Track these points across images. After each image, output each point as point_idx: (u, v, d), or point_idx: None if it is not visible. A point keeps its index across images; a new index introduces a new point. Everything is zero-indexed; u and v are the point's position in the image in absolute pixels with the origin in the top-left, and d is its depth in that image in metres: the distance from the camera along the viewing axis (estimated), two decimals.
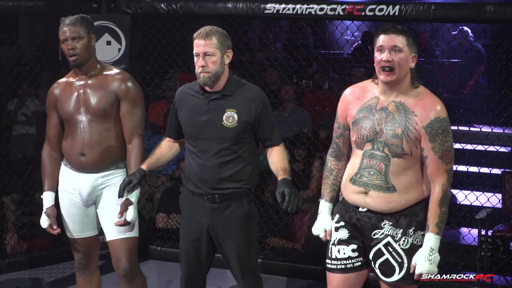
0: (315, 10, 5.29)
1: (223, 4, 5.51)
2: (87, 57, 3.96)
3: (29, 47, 8.21)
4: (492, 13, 4.88)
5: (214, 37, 3.68)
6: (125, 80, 3.99)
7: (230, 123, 3.73)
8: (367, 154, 3.37)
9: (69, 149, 4.02)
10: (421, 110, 3.30)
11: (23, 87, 7.56)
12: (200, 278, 3.96)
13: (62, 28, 3.93)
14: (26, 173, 6.23)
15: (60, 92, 4.05)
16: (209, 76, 3.69)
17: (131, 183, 3.83)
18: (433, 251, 3.29)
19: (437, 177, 3.31)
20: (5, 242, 6.07)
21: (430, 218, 3.31)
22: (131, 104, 3.98)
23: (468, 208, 5.90)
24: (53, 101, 4.07)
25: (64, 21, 3.95)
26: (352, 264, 3.48)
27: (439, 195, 3.32)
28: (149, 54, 6.87)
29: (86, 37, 3.94)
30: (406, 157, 3.31)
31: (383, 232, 3.37)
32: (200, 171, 3.78)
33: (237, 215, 3.80)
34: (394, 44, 3.28)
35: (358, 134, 3.39)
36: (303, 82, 7.90)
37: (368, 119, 3.37)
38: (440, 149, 3.28)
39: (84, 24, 3.96)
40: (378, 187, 3.34)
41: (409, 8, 5.03)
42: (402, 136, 3.29)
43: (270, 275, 5.49)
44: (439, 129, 3.28)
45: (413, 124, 3.29)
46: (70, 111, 3.99)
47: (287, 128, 6.41)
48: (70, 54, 3.92)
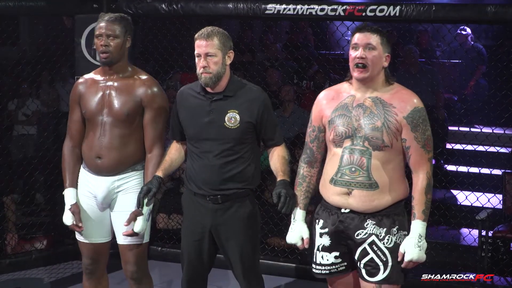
0: (315, 11, 5.29)
1: (224, 4, 5.51)
2: (119, 57, 3.89)
3: (30, 47, 8.21)
4: (493, 13, 4.87)
5: (216, 37, 3.68)
6: (152, 87, 3.92)
7: (232, 124, 3.73)
8: (347, 150, 3.38)
9: (87, 150, 3.98)
10: (399, 101, 3.37)
11: (23, 87, 7.57)
12: (201, 279, 3.96)
13: (99, 23, 3.87)
14: (27, 174, 6.23)
15: (85, 89, 3.98)
16: (211, 77, 3.68)
17: (150, 191, 3.79)
18: (421, 237, 3.33)
19: (420, 166, 3.36)
20: (5, 242, 6.07)
21: (417, 205, 3.34)
22: (155, 112, 3.92)
23: (469, 208, 5.90)
24: (77, 97, 3.99)
25: (103, 16, 3.90)
26: (336, 269, 3.52)
27: (424, 183, 3.36)
28: (149, 55, 6.88)
29: (122, 37, 3.88)
30: (386, 149, 3.34)
31: (366, 232, 3.39)
32: (202, 172, 3.78)
33: (239, 215, 3.80)
34: (368, 42, 3.35)
35: (335, 132, 3.41)
36: (304, 82, 7.90)
37: (345, 116, 3.40)
38: (422, 138, 3.35)
39: (123, 24, 3.89)
40: (361, 184, 3.35)
41: (410, 9, 5.03)
42: (382, 128, 3.33)
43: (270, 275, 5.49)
44: (420, 118, 3.36)
45: (393, 115, 3.34)
46: (93, 111, 3.92)
47: (287, 128, 6.42)
48: (102, 50, 3.85)
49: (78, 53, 5.66)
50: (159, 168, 3.89)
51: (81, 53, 5.64)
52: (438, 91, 7.32)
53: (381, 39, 3.36)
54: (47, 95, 7.80)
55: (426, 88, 7.03)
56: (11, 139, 7.56)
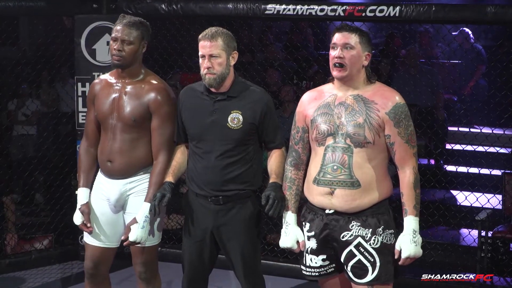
0: (315, 11, 5.29)
1: (224, 4, 5.51)
2: (131, 62, 3.85)
3: (30, 47, 8.21)
4: (493, 14, 4.88)
5: (220, 38, 3.67)
6: (161, 93, 3.86)
7: (235, 125, 3.72)
8: (329, 148, 3.39)
9: (100, 154, 3.97)
10: (380, 98, 3.37)
11: (23, 87, 7.57)
12: (202, 279, 3.96)
13: (117, 26, 3.82)
14: (26, 174, 6.22)
15: (99, 91, 3.95)
16: (215, 78, 3.68)
17: (164, 197, 3.75)
18: (416, 232, 3.33)
19: (406, 161, 3.37)
20: (5, 242, 6.07)
21: (407, 201, 3.35)
22: (162, 119, 3.86)
23: (468, 209, 5.90)
24: (92, 96, 3.97)
25: (122, 18, 3.84)
26: (326, 271, 3.53)
27: (411, 178, 3.37)
28: (149, 55, 6.87)
29: (137, 43, 3.83)
30: (369, 146, 3.35)
31: (352, 234, 3.39)
32: (204, 173, 3.77)
33: (241, 216, 3.79)
34: (346, 41, 3.37)
35: (318, 130, 3.42)
36: (304, 83, 7.90)
37: (327, 114, 3.41)
38: (406, 133, 3.36)
39: (140, 30, 3.83)
40: (343, 183, 3.35)
41: (410, 9, 5.03)
42: (364, 124, 3.34)
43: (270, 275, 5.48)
44: (402, 113, 3.35)
45: (375, 111, 3.35)
46: (104, 114, 3.90)
47: (287, 128, 6.40)
48: (115, 54, 3.81)
49: (77, 53, 5.66)
50: (168, 174, 3.86)
51: (80, 53, 5.64)
52: (438, 91, 7.32)
53: (360, 38, 3.37)
54: (47, 95, 7.80)
55: (426, 88, 7.03)
56: (10, 139, 7.56)
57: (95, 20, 5.64)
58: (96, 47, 5.64)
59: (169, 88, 3.97)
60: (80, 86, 5.65)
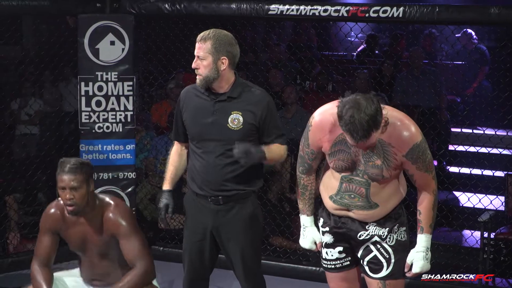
0: (319, 12, 5.28)
1: (227, 4, 5.51)
2: (85, 204, 3.82)
3: (33, 46, 8.22)
4: (496, 15, 4.87)
5: (209, 41, 3.69)
6: (115, 216, 3.85)
7: (235, 125, 3.73)
8: (345, 179, 3.42)
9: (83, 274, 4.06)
10: (397, 140, 3.30)
11: (26, 86, 7.57)
12: (203, 279, 3.97)
13: (61, 175, 3.76)
14: (29, 173, 6.23)
15: (64, 227, 3.95)
16: (200, 79, 3.73)
17: (168, 206, 3.88)
18: (428, 249, 3.44)
19: (427, 186, 3.42)
20: (7, 241, 6.07)
21: (424, 220, 3.42)
22: (125, 238, 3.84)
23: (471, 210, 5.89)
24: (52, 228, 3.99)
25: (63, 166, 3.77)
26: (341, 264, 3.59)
27: (431, 200, 3.42)
28: (152, 55, 6.88)
29: (85, 186, 3.78)
30: (385, 180, 3.38)
31: (369, 233, 3.47)
32: (204, 173, 3.78)
33: (241, 216, 3.80)
34: (369, 145, 3.25)
35: (335, 164, 3.42)
36: (307, 83, 7.89)
37: (344, 152, 3.39)
38: (424, 165, 3.36)
39: (83, 171, 3.79)
40: (361, 207, 3.43)
41: (413, 10, 5.02)
42: (382, 166, 3.34)
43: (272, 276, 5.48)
44: (419, 152, 3.32)
45: (392, 155, 3.32)
46: (76, 249, 3.98)
47: (290, 129, 6.41)
48: (67, 204, 3.78)
49: (81, 52, 5.66)
50: (166, 181, 3.94)
51: (84, 53, 5.64)
52: (441, 92, 7.31)
53: (377, 129, 3.16)
54: (50, 95, 7.80)
55: (429, 89, 7.02)
56: (13, 139, 7.57)
57: (98, 20, 5.64)
58: (100, 47, 5.63)
59: (120, 202, 3.96)
60: (83, 85, 5.64)
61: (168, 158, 4.01)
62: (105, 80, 5.65)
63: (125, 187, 5.78)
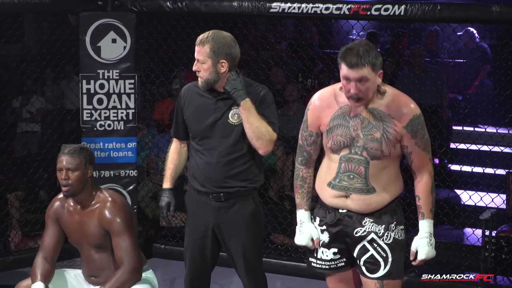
0: (320, 9, 5.28)
1: (229, 2, 5.51)
2: (80, 188, 3.85)
3: (35, 44, 8.22)
4: (498, 13, 4.87)
5: (208, 45, 3.68)
6: (110, 212, 3.85)
7: (235, 120, 3.74)
8: (344, 159, 3.38)
9: (84, 269, 4.05)
10: (396, 111, 3.33)
11: (28, 84, 7.58)
12: (204, 277, 3.97)
13: (60, 156, 3.84)
14: (31, 171, 6.23)
15: (63, 215, 3.98)
16: (202, 81, 3.74)
17: (170, 204, 3.92)
18: (431, 235, 3.39)
19: (424, 167, 3.39)
20: (9, 239, 6.08)
21: (424, 205, 3.39)
22: (117, 235, 3.84)
23: (473, 208, 5.90)
24: (56, 217, 4.01)
25: (63, 148, 3.86)
26: (336, 265, 3.54)
27: (429, 182, 3.40)
28: (154, 52, 6.88)
29: (82, 169, 3.82)
30: (384, 158, 3.35)
31: (365, 230, 3.41)
32: (206, 170, 3.79)
33: (242, 213, 3.81)
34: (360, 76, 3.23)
35: (333, 141, 3.39)
36: (308, 81, 7.89)
37: (343, 126, 3.37)
38: (422, 142, 3.36)
39: (82, 155, 3.84)
40: (359, 190, 3.38)
41: (415, 8, 5.02)
42: (381, 139, 3.32)
43: (274, 274, 5.49)
44: (418, 125, 3.35)
45: (392, 126, 3.32)
46: (74, 241, 4.00)
47: (291, 127, 6.41)
48: (62, 184, 3.83)
49: (82, 50, 5.66)
50: (166, 179, 3.96)
51: (85, 51, 5.65)
52: (442, 90, 7.31)
53: (372, 66, 3.23)
54: (52, 93, 7.81)
55: (431, 87, 7.02)
56: (15, 137, 7.58)
57: (100, 18, 5.64)
58: (101, 45, 5.64)
59: (119, 198, 3.95)
60: (85, 83, 5.65)
61: (167, 156, 4.02)
62: (106, 78, 5.66)
63: (127, 185, 5.78)
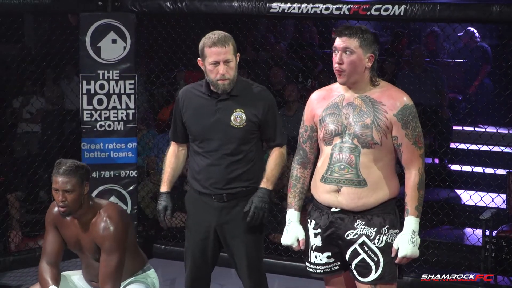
0: (320, 10, 5.28)
1: (229, 3, 5.51)
2: (77, 207, 3.78)
3: (35, 44, 8.22)
4: (498, 13, 4.87)
5: (230, 43, 3.69)
6: (103, 229, 3.79)
7: (238, 123, 3.74)
8: (336, 148, 3.38)
9: (84, 274, 4.05)
10: (388, 99, 3.35)
11: (28, 84, 7.57)
12: (205, 277, 3.97)
13: (56, 176, 3.73)
14: (31, 171, 6.23)
15: (61, 224, 3.93)
16: (229, 83, 3.71)
17: (167, 209, 3.90)
18: (415, 233, 3.33)
19: (412, 163, 3.36)
20: (9, 239, 6.08)
21: (409, 202, 3.35)
22: (106, 253, 3.79)
23: (473, 208, 5.90)
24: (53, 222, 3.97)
25: (58, 167, 3.74)
26: (330, 269, 3.53)
27: (416, 179, 3.36)
28: (154, 53, 6.87)
29: (78, 189, 3.73)
30: (376, 147, 3.34)
31: (356, 232, 3.39)
32: (207, 171, 3.79)
33: (245, 214, 3.80)
34: (346, 46, 3.32)
35: (325, 130, 3.41)
36: (309, 81, 7.89)
37: (335, 114, 3.40)
38: (413, 135, 3.34)
39: (78, 174, 3.74)
40: (350, 181, 3.35)
41: (415, 8, 5.02)
42: (372, 125, 3.32)
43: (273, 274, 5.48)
44: (409, 115, 3.34)
45: (383, 113, 3.33)
46: (72, 249, 3.98)
47: (291, 127, 6.42)
48: (60, 205, 3.76)
49: (82, 51, 5.67)
50: (164, 183, 3.96)
51: (85, 51, 5.65)
52: (442, 90, 7.31)
53: (361, 42, 3.31)
54: (52, 93, 7.80)
55: (431, 87, 7.02)
56: (15, 137, 7.57)
57: (100, 18, 5.65)
58: (101, 45, 5.64)
59: (114, 213, 3.86)
60: (85, 84, 5.65)
61: (165, 160, 4.01)
62: (106, 79, 5.66)
63: (127, 185, 5.78)
